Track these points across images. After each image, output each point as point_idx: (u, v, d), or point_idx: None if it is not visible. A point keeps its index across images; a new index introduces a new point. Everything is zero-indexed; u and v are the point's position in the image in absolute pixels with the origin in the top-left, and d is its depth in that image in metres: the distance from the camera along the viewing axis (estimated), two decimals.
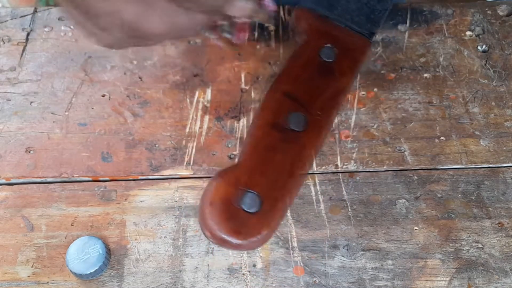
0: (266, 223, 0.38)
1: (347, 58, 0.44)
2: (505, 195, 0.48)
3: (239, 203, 0.38)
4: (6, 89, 0.54)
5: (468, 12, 0.60)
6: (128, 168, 0.49)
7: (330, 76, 0.43)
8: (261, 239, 0.39)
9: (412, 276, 0.44)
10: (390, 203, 0.48)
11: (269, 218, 0.38)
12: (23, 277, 0.44)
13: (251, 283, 0.44)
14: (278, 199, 0.39)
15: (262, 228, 0.38)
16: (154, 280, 0.44)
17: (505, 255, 0.45)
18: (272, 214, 0.39)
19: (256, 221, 0.38)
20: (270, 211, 0.38)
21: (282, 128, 0.40)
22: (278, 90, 0.42)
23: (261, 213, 0.38)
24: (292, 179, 0.40)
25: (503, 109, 0.53)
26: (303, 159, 0.41)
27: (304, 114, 0.41)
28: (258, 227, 0.38)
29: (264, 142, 0.40)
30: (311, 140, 0.41)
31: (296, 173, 0.40)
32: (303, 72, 0.43)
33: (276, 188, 0.39)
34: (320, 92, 0.43)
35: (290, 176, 0.40)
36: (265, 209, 0.38)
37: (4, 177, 0.49)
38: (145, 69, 0.55)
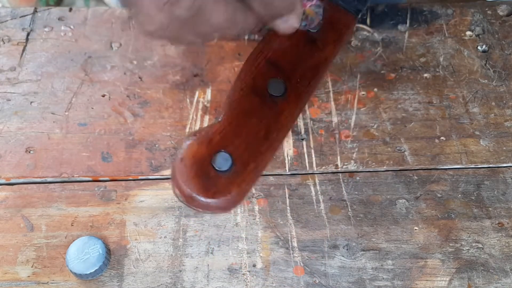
0: (236, 183, 0.37)
1: (331, 31, 0.45)
2: (505, 195, 0.48)
3: (211, 162, 0.37)
4: (6, 89, 0.54)
5: (468, 12, 0.60)
6: (128, 168, 0.49)
7: (313, 46, 0.43)
8: (230, 200, 0.38)
9: (412, 276, 0.44)
10: (390, 203, 0.48)
11: (239, 178, 0.38)
12: (23, 277, 0.44)
13: (251, 283, 0.44)
14: (250, 160, 0.38)
15: (232, 187, 0.37)
16: (154, 280, 0.44)
17: (505, 255, 0.45)
18: (243, 175, 0.38)
19: (226, 180, 0.37)
20: (241, 172, 0.38)
21: (260, 93, 0.40)
22: (260, 56, 0.42)
23: (232, 172, 0.37)
24: (266, 142, 0.39)
25: (503, 109, 0.53)
26: (279, 124, 0.40)
27: (283, 80, 0.41)
28: (227, 186, 0.37)
29: (241, 105, 0.40)
30: (289, 106, 0.41)
31: (271, 137, 0.40)
32: (285, 41, 0.43)
33: (249, 150, 0.39)
34: (301, 60, 0.43)
35: (265, 139, 0.39)
36: (236, 169, 0.38)
37: (4, 177, 0.49)
38: (145, 69, 0.55)
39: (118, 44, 0.57)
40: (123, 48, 0.57)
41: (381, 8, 0.60)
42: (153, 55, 0.56)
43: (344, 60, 0.56)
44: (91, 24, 0.58)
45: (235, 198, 0.38)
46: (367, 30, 0.58)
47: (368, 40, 0.58)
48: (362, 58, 0.57)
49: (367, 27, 0.59)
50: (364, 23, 0.59)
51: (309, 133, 0.52)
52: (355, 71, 0.56)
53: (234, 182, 0.38)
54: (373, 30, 0.58)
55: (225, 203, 0.37)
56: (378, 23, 0.59)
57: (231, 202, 0.38)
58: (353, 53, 0.57)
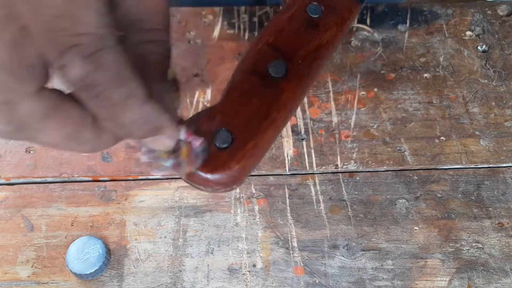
0: (236, 159, 0.38)
1: (333, 15, 0.45)
2: (505, 195, 0.48)
3: (212, 140, 0.38)
4: None
5: (468, 12, 0.60)
6: (128, 168, 0.49)
7: (314, 30, 0.44)
8: (230, 175, 0.38)
9: (412, 276, 0.44)
10: (390, 203, 0.48)
11: (239, 154, 0.38)
12: (23, 277, 0.44)
13: (251, 283, 0.44)
14: (251, 138, 0.39)
15: (232, 162, 0.37)
16: (154, 280, 0.44)
17: (505, 255, 0.45)
18: (243, 151, 0.38)
19: (226, 156, 0.38)
20: (241, 148, 0.38)
21: (261, 75, 0.40)
22: (262, 41, 0.42)
23: (232, 148, 0.38)
24: (266, 121, 0.40)
25: (503, 109, 0.53)
26: (280, 104, 0.40)
27: (285, 62, 0.41)
28: (227, 162, 0.38)
29: (241, 86, 0.40)
30: (290, 86, 0.41)
31: (271, 116, 0.40)
32: (288, 25, 0.43)
33: (249, 128, 0.39)
34: (302, 43, 0.43)
35: (265, 118, 0.40)
36: (236, 145, 0.38)
37: (4, 177, 0.49)
38: None
39: None
40: None
41: (381, 8, 0.60)
42: None
43: (344, 60, 0.56)
44: None
45: (235, 174, 0.37)
46: (367, 30, 0.58)
47: (368, 40, 0.58)
48: (362, 58, 0.57)
49: (367, 27, 0.59)
50: (364, 23, 0.59)
51: (309, 133, 0.52)
52: (355, 71, 0.56)
53: (234, 157, 0.38)
54: (373, 30, 0.58)
55: (225, 178, 0.37)
56: (378, 23, 0.59)
57: (231, 178, 0.37)
58: (353, 53, 0.57)
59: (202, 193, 0.48)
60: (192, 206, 0.48)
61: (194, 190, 0.48)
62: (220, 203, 0.48)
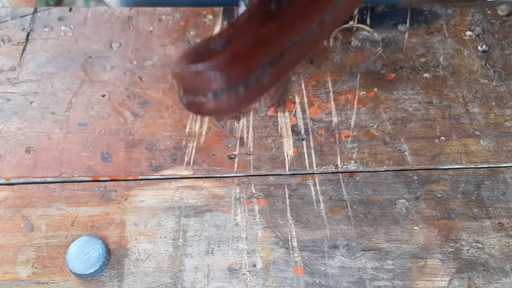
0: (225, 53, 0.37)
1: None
2: (505, 195, 0.48)
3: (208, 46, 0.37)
4: (6, 89, 0.54)
5: (468, 12, 0.60)
6: (128, 168, 0.49)
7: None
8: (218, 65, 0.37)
9: (412, 276, 0.44)
10: (390, 203, 0.48)
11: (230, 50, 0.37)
12: (23, 277, 0.44)
13: (251, 283, 0.44)
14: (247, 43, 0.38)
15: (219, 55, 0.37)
16: (154, 280, 0.44)
17: (505, 255, 0.45)
18: (235, 49, 0.37)
19: (219, 54, 0.37)
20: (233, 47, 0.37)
21: (266, 7, 0.40)
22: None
23: (226, 48, 0.37)
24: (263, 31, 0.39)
25: (503, 109, 0.53)
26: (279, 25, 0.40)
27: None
28: (215, 54, 0.37)
29: (247, 18, 0.40)
30: (293, 13, 0.41)
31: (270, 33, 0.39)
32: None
33: (246, 35, 0.38)
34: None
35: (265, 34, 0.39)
36: (230, 46, 0.37)
37: (4, 177, 0.49)
38: (145, 69, 0.55)
39: (118, 44, 0.57)
40: (123, 48, 0.57)
41: (381, 8, 0.60)
42: (153, 55, 0.56)
43: (344, 60, 0.56)
44: (91, 24, 0.58)
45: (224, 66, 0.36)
46: (367, 30, 0.58)
47: (368, 40, 0.58)
48: (362, 58, 0.57)
49: (367, 27, 0.59)
50: (364, 23, 0.59)
51: (309, 133, 0.52)
52: (355, 71, 0.56)
53: (223, 52, 0.37)
54: (373, 30, 0.58)
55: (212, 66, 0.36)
56: (378, 23, 0.59)
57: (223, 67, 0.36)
58: (353, 53, 0.57)
59: (202, 193, 0.48)
60: (192, 206, 0.48)
61: (194, 190, 0.48)
62: (220, 203, 0.48)
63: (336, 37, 0.58)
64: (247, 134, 0.52)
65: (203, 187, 0.49)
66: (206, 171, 0.49)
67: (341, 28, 0.59)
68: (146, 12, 0.59)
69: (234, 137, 0.51)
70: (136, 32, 0.58)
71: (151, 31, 0.58)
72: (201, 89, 0.36)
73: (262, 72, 0.37)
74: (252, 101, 0.39)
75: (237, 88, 0.36)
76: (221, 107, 0.37)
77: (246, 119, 0.52)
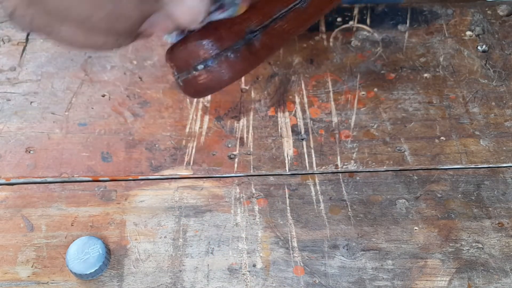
0: (213, 23, 0.36)
1: None
2: (505, 195, 0.48)
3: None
4: (6, 89, 0.54)
5: (468, 12, 0.60)
6: (128, 168, 0.49)
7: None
8: (206, 30, 0.35)
9: (412, 276, 0.44)
10: (390, 203, 0.48)
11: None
12: (23, 277, 0.44)
13: (251, 283, 0.44)
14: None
15: (207, 23, 0.36)
16: (154, 280, 0.44)
17: (505, 255, 0.45)
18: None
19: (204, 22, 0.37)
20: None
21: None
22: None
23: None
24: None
25: (503, 109, 0.53)
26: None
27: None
28: (204, 23, 0.36)
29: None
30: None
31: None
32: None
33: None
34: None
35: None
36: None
37: (4, 177, 0.49)
38: (145, 69, 0.55)
39: None
40: (123, 48, 0.57)
41: (381, 8, 0.60)
42: (153, 55, 0.56)
43: (344, 60, 0.56)
44: None
45: (210, 32, 0.34)
46: (367, 30, 0.58)
47: (368, 40, 0.58)
48: (362, 58, 0.57)
49: (367, 27, 0.59)
50: (364, 23, 0.59)
51: (309, 133, 0.52)
52: (355, 71, 0.56)
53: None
54: (373, 30, 0.58)
55: (199, 34, 0.35)
56: (378, 23, 0.59)
57: (207, 36, 0.35)
58: (353, 53, 0.57)
59: (202, 193, 0.48)
60: (192, 206, 0.48)
61: (194, 190, 0.48)
62: (220, 203, 0.48)
63: (336, 37, 0.58)
64: (247, 134, 0.52)
65: (203, 187, 0.49)
66: (206, 171, 0.49)
67: (341, 28, 0.59)
68: None
69: (234, 137, 0.51)
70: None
71: None
72: (192, 62, 0.36)
73: (252, 37, 0.37)
74: (246, 70, 0.37)
75: (226, 54, 0.36)
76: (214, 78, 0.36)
77: (246, 119, 0.52)
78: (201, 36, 0.35)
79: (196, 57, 0.36)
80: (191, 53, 0.36)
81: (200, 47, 0.35)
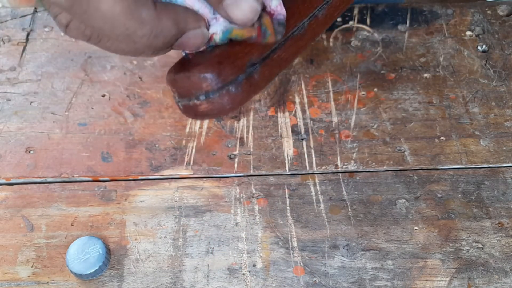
0: (216, 58, 0.37)
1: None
2: (505, 195, 0.48)
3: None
4: (6, 89, 0.54)
5: (468, 12, 0.60)
6: (128, 168, 0.49)
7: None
8: (208, 65, 0.37)
9: (412, 276, 0.44)
10: (390, 203, 0.48)
11: (219, 52, 0.37)
12: (23, 277, 0.44)
13: (251, 283, 0.44)
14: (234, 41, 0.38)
15: (210, 57, 0.37)
16: (154, 280, 0.44)
17: (505, 255, 0.45)
18: (223, 49, 0.38)
19: (207, 55, 0.37)
20: (223, 49, 0.38)
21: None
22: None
23: (214, 49, 0.37)
24: None
25: (503, 109, 0.53)
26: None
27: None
28: (207, 57, 0.37)
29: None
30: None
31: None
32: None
33: None
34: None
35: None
36: (218, 46, 0.37)
37: (4, 177, 0.49)
38: (145, 69, 0.55)
39: None
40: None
41: (381, 8, 0.60)
42: None
43: (344, 60, 0.56)
44: None
45: (212, 67, 0.36)
46: (367, 30, 0.58)
47: (368, 40, 0.58)
48: (362, 58, 0.57)
49: (367, 27, 0.59)
50: (364, 23, 0.59)
51: (309, 133, 0.52)
52: (355, 71, 0.56)
53: (211, 53, 0.37)
54: (373, 30, 0.58)
55: (201, 68, 0.36)
56: (378, 23, 0.59)
57: (210, 70, 0.36)
58: (353, 53, 0.57)
59: (202, 193, 0.48)
60: (192, 206, 0.48)
61: (194, 190, 0.48)
62: (220, 203, 0.48)
63: (336, 37, 0.58)
64: (247, 134, 0.52)
65: (203, 187, 0.49)
66: (206, 171, 0.49)
67: (341, 28, 0.59)
68: None
69: (234, 137, 0.51)
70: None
71: None
72: (194, 92, 0.37)
73: (252, 70, 0.37)
74: (245, 100, 0.38)
75: (227, 87, 0.36)
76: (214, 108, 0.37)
77: (246, 119, 0.52)
78: (205, 69, 0.36)
79: (199, 88, 0.36)
80: (193, 84, 0.36)
81: (203, 80, 0.36)
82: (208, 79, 0.36)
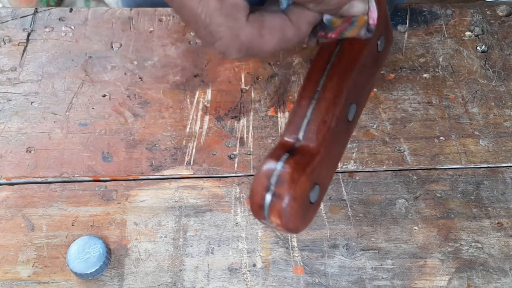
0: (315, 211, 0.38)
1: (386, 48, 0.44)
2: (504, 195, 0.48)
3: (309, 196, 0.37)
4: (7, 89, 0.54)
5: (468, 12, 0.60)
6: (128, 168, 0.50)
7: (375, 64, 0.43)
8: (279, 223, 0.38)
9: (412, 276, 0.44)
10: (389, 203, 0.48)
11: (317, 206, 0.38)
12: (24, 277, 0.44)
13: (251, 282, 0.44)
14: (326, 188, 0.39)
15: (314, 215, 0.38)
16: (154, 280, 0.44)
17: (505, 254, 0.45)
18: (320, 203, 0.39)
19: (313, 210, 0.38)
20: (320, 201, 0.38)
21: (344, 120, 0.40)
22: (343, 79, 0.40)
23: (317, 203, 0.38)
24: (337, 166, 0.40)
25: (502, 109, 0.53)
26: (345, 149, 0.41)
27: (356, 104, 0.41)
28: (313, 215, 0.38)
29: (334, 134, 0.39)
30: (353, 128, 0.41)
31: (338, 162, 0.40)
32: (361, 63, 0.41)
33: (329, 178, 0.39)
34: (367, 82, 0.42)
35: (337, 166, 0.40)
36: (320, 199, 0.38)
37: (5, 177, 0.49)
38: (145, 69, 0.55)
39: (119, 45, 0.57)
40: (123, 48, 0.57)
41: None
42: (154, 55, 0.56)
43: None
44: (91, 24, 0.58)
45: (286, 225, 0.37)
46: None
47: None
48: None
49: None
50: None
51: None
52: None
53: (315, 210, 0.38)
54: None
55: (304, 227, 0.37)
56: None
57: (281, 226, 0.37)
58: None
59: (202, 193, 0.48)
60: (192, 206, 0.48)
61: (195, 190, 0.49)
62: (220, 203, 0.48)
63: None
64: (247, 134, 0.52)
65: (203, 187, 0.49)
66: (206, 171, 0.50)
67: None
68: (147, 13, 0.59)
69: (234, 137, 0.51)
70: (137, 33, 0.58)
71: (152, 32, 0.58)
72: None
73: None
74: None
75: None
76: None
77: (246, 119, 0.53)
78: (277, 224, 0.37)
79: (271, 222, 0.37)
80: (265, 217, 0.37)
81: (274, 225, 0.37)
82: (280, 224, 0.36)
